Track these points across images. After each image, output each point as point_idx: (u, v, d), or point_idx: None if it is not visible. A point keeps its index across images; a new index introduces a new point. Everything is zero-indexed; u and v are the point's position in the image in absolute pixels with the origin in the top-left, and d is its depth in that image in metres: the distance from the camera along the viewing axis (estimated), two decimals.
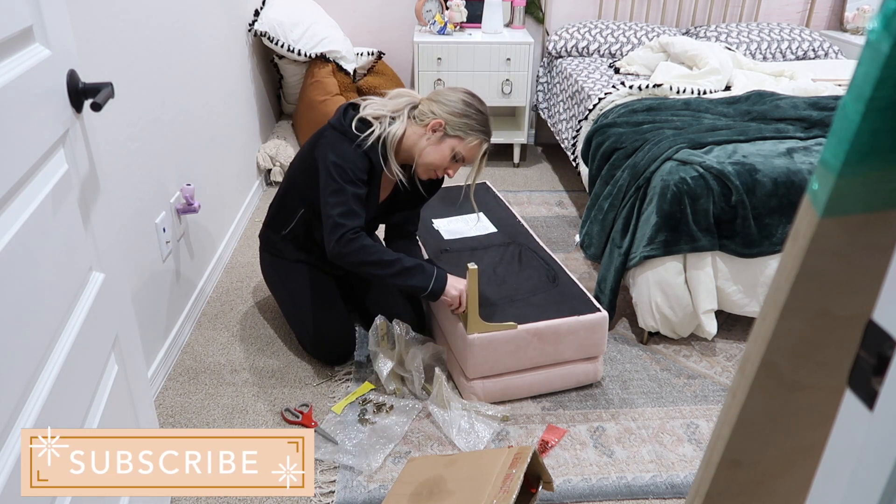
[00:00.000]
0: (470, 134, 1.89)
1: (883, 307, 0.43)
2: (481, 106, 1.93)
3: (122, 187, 1.77)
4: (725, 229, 2.04)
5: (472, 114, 1.89)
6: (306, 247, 2.12)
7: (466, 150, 1.90)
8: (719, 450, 0.60)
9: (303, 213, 2.05)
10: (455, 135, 1.89)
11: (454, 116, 1.88)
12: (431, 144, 1.90)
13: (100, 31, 1.66)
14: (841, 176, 0.45)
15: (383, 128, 1.89)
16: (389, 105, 1.93)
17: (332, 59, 3.27)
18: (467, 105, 1.90)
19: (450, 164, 1.93)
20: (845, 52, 3.55)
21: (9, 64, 0.92)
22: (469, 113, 1.89)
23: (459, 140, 1.89)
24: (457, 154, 1.91)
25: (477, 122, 1.90)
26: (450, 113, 1.89)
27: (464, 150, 1.90)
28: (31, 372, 0.93)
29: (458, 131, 1.89)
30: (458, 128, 1.88)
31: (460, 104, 1.89)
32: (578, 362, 1.96)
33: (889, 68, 0.41)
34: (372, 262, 1.82)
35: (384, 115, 1.90)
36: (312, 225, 2.07)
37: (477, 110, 1.91)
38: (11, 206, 0.91)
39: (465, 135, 1.89)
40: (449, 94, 1.92)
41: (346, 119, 1.90)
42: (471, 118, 1.89)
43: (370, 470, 1.70)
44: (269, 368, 2.08)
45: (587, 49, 3.53)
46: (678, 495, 1.66)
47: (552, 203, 3.24)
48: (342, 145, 1.87)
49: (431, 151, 1.90)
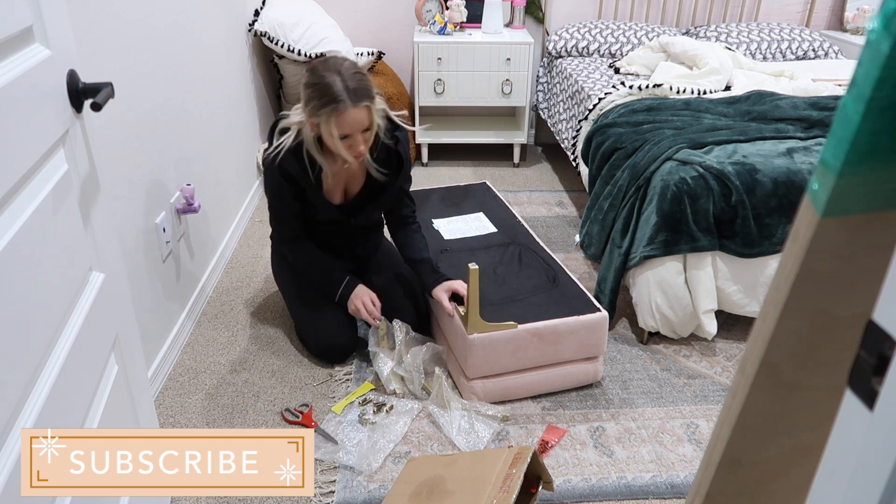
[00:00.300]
0: (321, 114, 1.73)
1: (883, 307, 0.43)
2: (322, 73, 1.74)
3: (122, 187, 1.77)
4: (725, 229, 2.04)
5: (311, 94, 1.74)
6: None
7: (338, 125, 1.74)
8: (719, 450, 0.60)
9: None
10: (318, 121, 1.76)
11: (306, 106, 1.77)
12: (325, 138, 1.80)
13: (100, 31, 1.66)
14: (841, 176, 0.45)
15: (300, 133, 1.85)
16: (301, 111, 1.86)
17: None
18: (307, 85, 1.75)
19: (347, 146, 1.78)
20: (845, 52, 3.55)
21: (9, 64, 0.92)
22: (309, 94, 1.75)
23: (325, 124, 1.75)
24: (337, 135, 1.76)
25: (318, 99, 1.73)
26: (304, 106, 1.78)
27: (336, 128, 1.74)
28: (31, 372, 0.93)
29: (317, 118, 1.75)
30: (312, 114, 1.76)
31: (304, 89, 1.77)
32: (578, 362, 1.96)
33: (889, 68, 0.41)
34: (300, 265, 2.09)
35: (298, 120, 1.84)
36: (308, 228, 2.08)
37: (313, 85, 1.74)
38: (11, 206, 0.91)
39: (318, 118, 1.75)
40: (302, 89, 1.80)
41: (271, 135, 1.93)
42: (312, 99, 1.74)
43: (370, 470, 1.70)
44: (269, 368, 2.08)
45: (587, 49, 3.53)
46: (678, 495, 1.66)
47: (552, 203, 3.23)
48: (266, 170, 1.95)
49: (329, 144, 1.81)
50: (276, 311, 2.34)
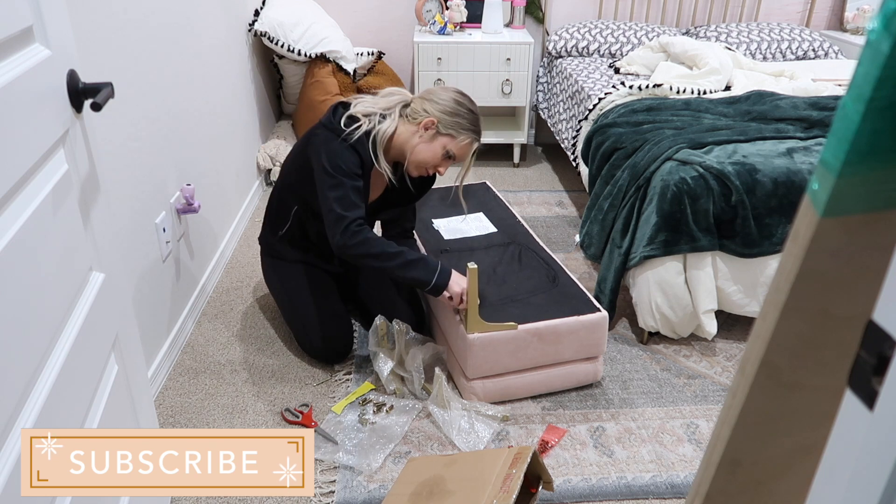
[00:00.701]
0: (462, 132, 1.91)
1: (883, 307, 0.43)
2: (472, 105, 1.95)
3: (122, 187, 1.77)
4: (725, 229, 2.04)
5: (463, 113, 1.91)
6: (303, 245, 2.13)
7: (457, 148, 1.92)
8: (719, 450, 0.60)
9: (296, 211, 2.07)
10: (447, 133, 1.90)
11: (446, 115, 1.90)
12: (423, 142, 1.91)
13: (100, 31, 1.66)
14: (841, 176, 0.45)
15: (372, 124, 1.90)
16: (381, 103, 1.95)
17: (332, 59, 3.27)
18: (459, 104, 1.91)
19: (441, 162, 1.94)
20: (845, 52, 3.55)
21: (9, 64, 0.92)
22: (461, 112, 1.91)
23: (451, 138, 1.91)
24: (448, 152, 1.92)
25: (468, 122, 1.91)
26: (442, 111, 1.90)
27: (455, 148, 1.92)
28: (31, 372, 0.93)
29: (450, 129, 1.90)
30: (450, 126, 1.90)
31: (452, 103, 1.91)
32: (578, 362, 1.96)
33: (889, 68, 0.41)
34: (375, 253, 1.83)
35: (374, 112, 1.92)
36: (307, 222, 2.08)
37: (468, 109, 1.93)
38: (11, 206, 0.91)
39: (456, 133, 1.90)
40: (441, 94, 1.93)
41: (336, 117, 1.91)
42: (462, 117, 1.91)
43: (370, 470, 1.70)
44: (269, 368, 2.08)
45: (587, 49, 3.53)
46: (678, 495, 1.66)
47: (552, 203, 3.24)
48: (332, 142, 1.88)
49: (423, 149, 1.92)
50: (276, 311, 2.34)
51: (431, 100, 1.92)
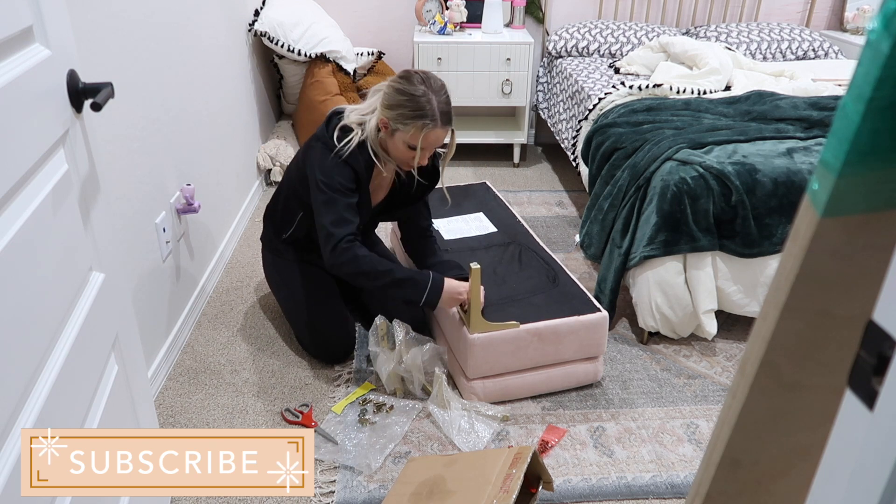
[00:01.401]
0: (407, 124, 1.79)
1: (883, 307, 0.43)
2: (416, 88, 1.78)
3: (122, 187, 1.77)
4: (725, 229, 2.04)
5: (403, 101, 1.78)
6: (307, 247, 2.13)
7: (414, 139, 1.80)
8: (719, 450, 0.60)
9: (301, 216, 2.06)
10: (396, 128, 1.81)
11: (389, 110, 1.81)
12: (388, 141, 1.86)
13: (100, 31, 1.66)
14: (841, 176, 0.45)
15: (364, 132, 1.86)
16: (365, 107, 1.90)
17: (332, 59, 3.27)
18: (398, 92, 1.79)
19: (411, 156, 1.85)
20: (845, 52, 3.55)
21: (9, 64, 0.92)
22: (401, 102, 1.78)
23: (402, 132, 1.81)
24: (408, 144, 1.82)
25: (410, 109, 1.78)
26: (386, 106, 1.81)
27: (412, 140, 1.80)
28: (31, 372, 0.93)
29: (397, 124, 1.80)
30: (396, 120, 1.80)
31: (391, 94, 1.80)
32: (578, 362, 1.96)
33: (889, 68, 0.41)
34: (365, 272, 1.84)
35: (364, 119, 1.88)
36: (311, 228, 2.07)
37: (409, 95, 1.78)
38: (11, 206, 0.91)
39: (403, 126, 1.80)
40: (385, 86, 1.84)
41: (330, 129, 1.89)
42: (403, 107, 1.78)
43: (370, 470, 1.70)
44: (269, 368, 2.08)
45: (587, 49, 3.53)
46: (678, 495, 1.66)
47: (552, 203, 3.23)
48: (325, 158, 1.85)
49: (392, 147, 1.87)
50: (276, 311, 2.34)
51: (381, 92, 1.84)
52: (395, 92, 1.80)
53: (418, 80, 1.80)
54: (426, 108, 1.77)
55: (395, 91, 1.80)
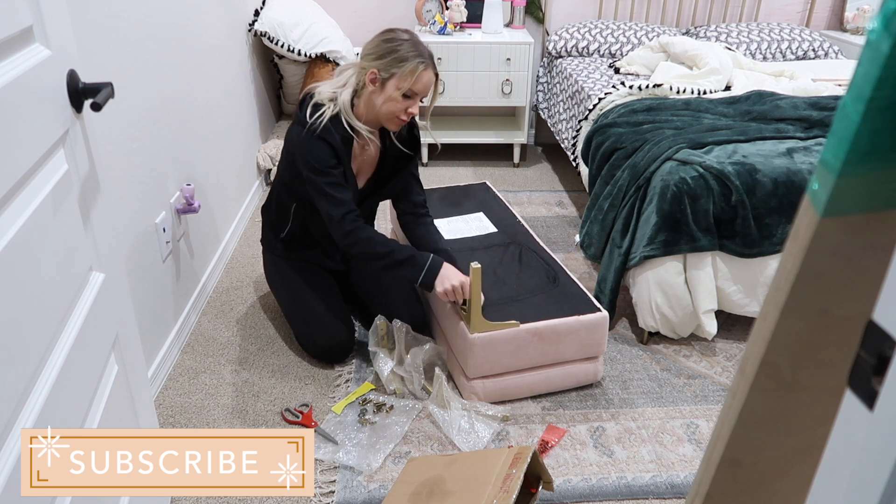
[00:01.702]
0: (402, 65, 1.83)
1: (883, 307, 0.43)
2: (403, 34, 1.87)
3: (122, 187, 1.77)
4: (725, 229, 2.04)
5: (394, 47, 1.84)
6: (306, 244, 2.13)
7: (408, 83, 1.84)
8: (719, 450, 0.60)
9: (296, 208, 2.07)
10: (390, 74, 1.84)
11: (380, 59, 1.84)
12: (378, 95, 1.87)
13: (100, 31, 1.66)
14: (841, 176, 0.45)
15: (337, 105, 1.88)
16: (336, 81, 1.93)
17: (332, 58, 3.27)
18: (386, 41, 1.85)
19: (404, 105, 1.87)
20: (845, 52, 3.55)
21: (9, 64, 0.92)
22: (391, 48, 1.84)
23: (396, 78, 1.84)
24: (405, 92, 1.85)
25: (404, 51, 1.84)
26: (375, 58, 1.85)
27: (407, 84, 1.84)
28: (31, 372, 0.93)
29: (391, 69, 1.83)
30: (389, 66, 1.83)
31: (380, 44, 1.85)
32: (578, 362, 1.96)
33: (889, 68, 0.41)
34: (372, 253, 1.89)
35: (335, 93, 1.90)
36: (308, 219, 2.07)
37: (399, 40, 1.85)
38: (11, 206, 0.91)
39: (397, 69, 1.83)
40: (369, 43, 1.89)
41: (303, 110, 1.91)
42: (394, 52, 1.84)
43: (370, 470, 1.70)
44: (269, 368, 2.08)
45: (587, 49, 3.53)
46: (678, 495, 1.66)
47: (552, 203, 3.23)
48: (302, 140, 1.88)
49: (381, 101, 1.87)
50: (276, 311, 2.34)
51: (365, 54, 1.88)
52: (384, 42, 1.86)
53: (402, 31, 1.88)
54: (419, 49, 1.85)
55: (383, 41, 1.86)
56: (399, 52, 1.84)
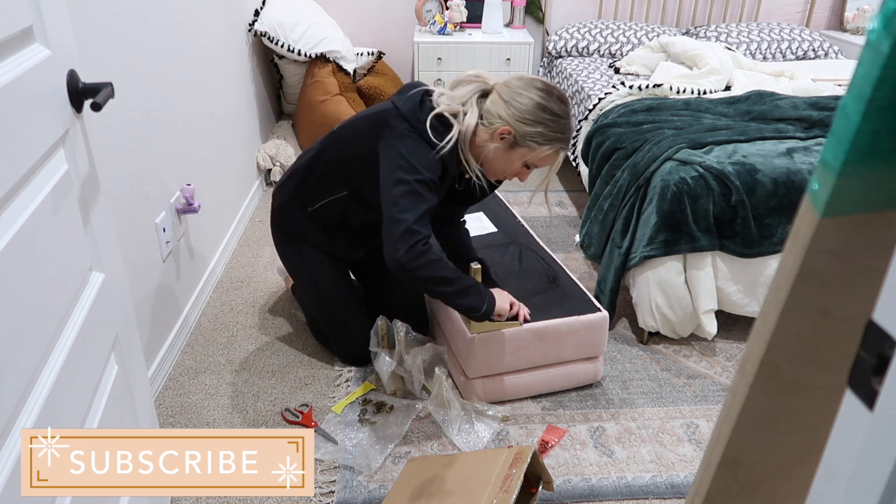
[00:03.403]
0: (544, 144, 1.66)
1: (883, 307, 0.43)
2: (559, 106, 1.66)
3: (122, 187, 1.77)
4: (725, 229, 2.04)
5: (546, 120, 1.64)
6: (331, 231, 1.97)
7: (538, 159, 1.70)
8: (719, 450, 0.60)
9: (344, 197, 1.88)
10: (525, 145, 1.66)
11: (524, 124, 1.64)
12: (499, 151, 1.69)
13: (100, 31, 1.66)
14: (841, 176, 0.45)
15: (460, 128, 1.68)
16: (457, 96, 1.70)
17: (332, 59, 3.27)
18: (541, 109, 1.63)
19: (519, 171, 1.74)
20: (845, 52, 3.55)
21: (9, 64, 0.92)
22: (543, 120, 1.64)
23: (529, 150, 1.68)
24: (528, 163, 1.71)
25: (551, 130, 1.65)
26: (519, 120, 1.64)
27: (535, 160, 1.70)
28: (31, 372, 0.93)
29: (530, 141, 1.65)
30: (529, 137, 1.65)
31: (532, 109, 1.63)
32: (578, 362, 1.96)
33: (889, 68, 0.41)
34: (437, 277, 1.67)
35: (459, 111, 1.69)
36: (351, 210, 1.90)
37: (553, 114, 1.65)
38: (11, 206, 0.91)
39: (536, 145, 1.66)
40: (521, 94, 1.65)
41: (423, 111, 1.67)
42: (545, 125, 1.64)
43: (370, 470, 1.70)
44: (269, 368, 2.08)
45: (587, 49, 3.53)
46: (678, 495, 1.66)
47: (552, 203, 3.23)
48: (419, 148, 1.65)
49: (500, 158, 1.71)
50: (276, 310, 2.34)
51: (509, 102, 1.65)
52: (538, 109, 1.63)
53: (557, 98, 1.66)
54: (565, 132, 1.67)
55: (538, 108, 1.63)
56: (550, 127, 1.65)
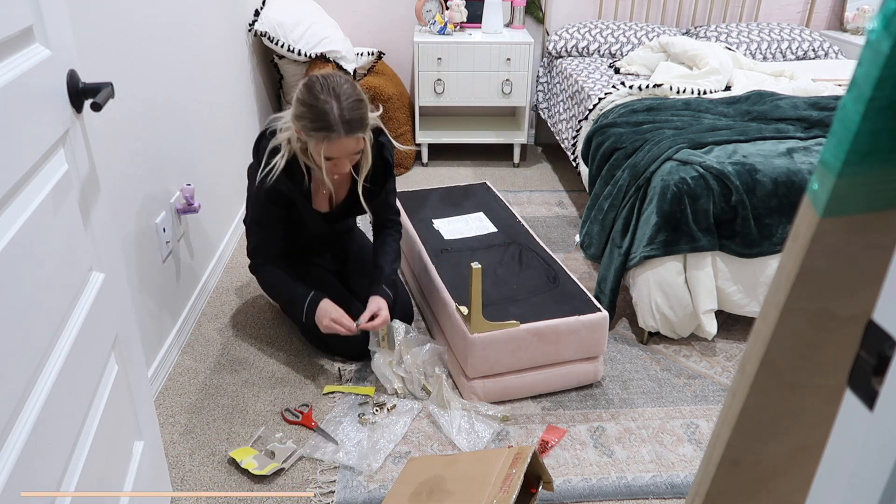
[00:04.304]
0: (311, 135, 1.71)
1: (883, 307, 0.43)
2: (315, 96, 1.69)
3: (122, 187, 1.77)
4: (725, 229, 2.04)
5: (305, 112, 1.70)
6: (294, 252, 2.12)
7: (321, 150, 1.72)
8: (719, 450, 0.60)
9: None
10: (308, 136, 1.73)
11: (297, 120, 1.73)
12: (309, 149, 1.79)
13: (100, 31, 1.66)
14: (841, 176, 0.45)
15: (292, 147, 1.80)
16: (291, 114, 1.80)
17: (332, 59, 3.27)
18: (300, 103, 1.71)
19: (328, 164, 1.76)
20: (845, 52, 3.55)
21: (9, 64, 0.92)
22: (303, 112, 1.71)
23: (313, 142, 1.73)
24: (324, 155, 1.74)
25: (311, 121, 1.69)
26: (295, 117, 1.74)
27: (321, 151, 1.73)
28: (31, 372, 0.93)
29: (305, 134, 1.74)
30: (304, 130, 1.73)
31: (296, 105, 1.73)
32: (578, 362, 1.96)
33: (889, 68, 0.41)
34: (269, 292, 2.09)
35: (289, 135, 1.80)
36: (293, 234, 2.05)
37: (308, 105, 1.69)
38: (11, 206, 0.91)
39: (308, 137, 1.73)
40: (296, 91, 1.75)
41: (260, 152, 1.85)
42: (304, 118, 1.71)
43: (370, 470, 1.70)
44: (269, 368, 2.08)
45: (587, 49, 3.53)
46: (678, 495, 1.66)
47: (552, 203, 3.23)
48: (252, 186, 1.91)
49: (312, 157, 1.80)
50: (276, 311, 2.34)
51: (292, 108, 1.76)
52: (298, 102, 1.72)
53: (320, 88, 1.70)
54: (327, 118, 1.68)
55: (298, 101, 1.72)
56: (308, 118, 1.70)
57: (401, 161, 3.52)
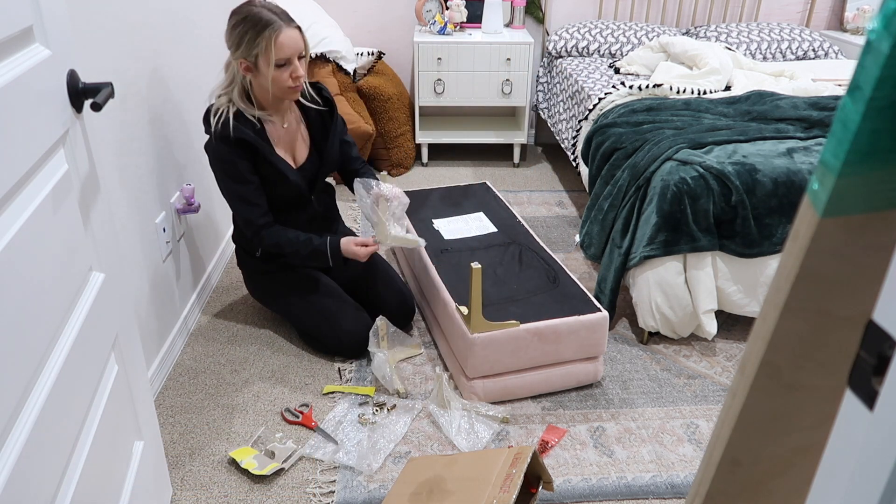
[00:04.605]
0: (258, 44, 1.82)
1: (883, 307, 0.43)
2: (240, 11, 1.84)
3: (122, 187, 1.77)
4: (725, 229, 2.04)
5: (241, 30, 1.83)
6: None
7: (272, 52, 1.82)
8: (719, 450, 0.60)
9: None
10: (254, 55, 1.83)
11: (237, 48, 1.84)
12: (260, 78, 1.88)
13: (100, 31, 1.66)
14: (841, 176, 0.45)
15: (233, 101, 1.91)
16: (223, 83, 1.95)
17: (332, 59, 3.27)
18: (234, 27, 1.84)
19: (285, 72, 1.86)
20: (845, 52, 3.55)
21: (9, 64, 0.92)
22: (240, 32, 1.83)
23: (261, 56, 1.83)
24: (276, 62, 1.84)
25: (250, 28, 1.82)
26: (235, 48, 1.85)
27: (273, 55, 1.82)
28: (31, 372, 0.93)
29: (253, 50, 1.82)
30: (249, 49, 1.83)
31: (231, 33, 1.85)
32: (578, 362, 1.96)
33: (889, 68, 0.41)
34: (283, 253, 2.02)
35: (226, 93, 1.92)
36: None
37: (240, 19, 1.83)
38: (11, 206, 0.91)
39: (257, 47, 1.82)
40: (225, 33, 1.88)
41: (207, 122, 1.93)
42: (244, 34, 1.82)
43: (370, 470, 1.70)
44: (269, 368, 2.08)
45: (587, 49, 3.53)
46: (678, 495, 1.66)
47: (552, 203, 3.23)
48: (209, 147, 1.92)
49: (265, 81, 1.87)
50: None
51: (229, 47, 1.88)
52: (233, 29, 1.84)
53: (239, 8, 1.86)
54: (263, 16, 1.82)
55: (232, 28, 1.84)
56: (249, 32, 1.81)
57: (401, 161, 3.52)
